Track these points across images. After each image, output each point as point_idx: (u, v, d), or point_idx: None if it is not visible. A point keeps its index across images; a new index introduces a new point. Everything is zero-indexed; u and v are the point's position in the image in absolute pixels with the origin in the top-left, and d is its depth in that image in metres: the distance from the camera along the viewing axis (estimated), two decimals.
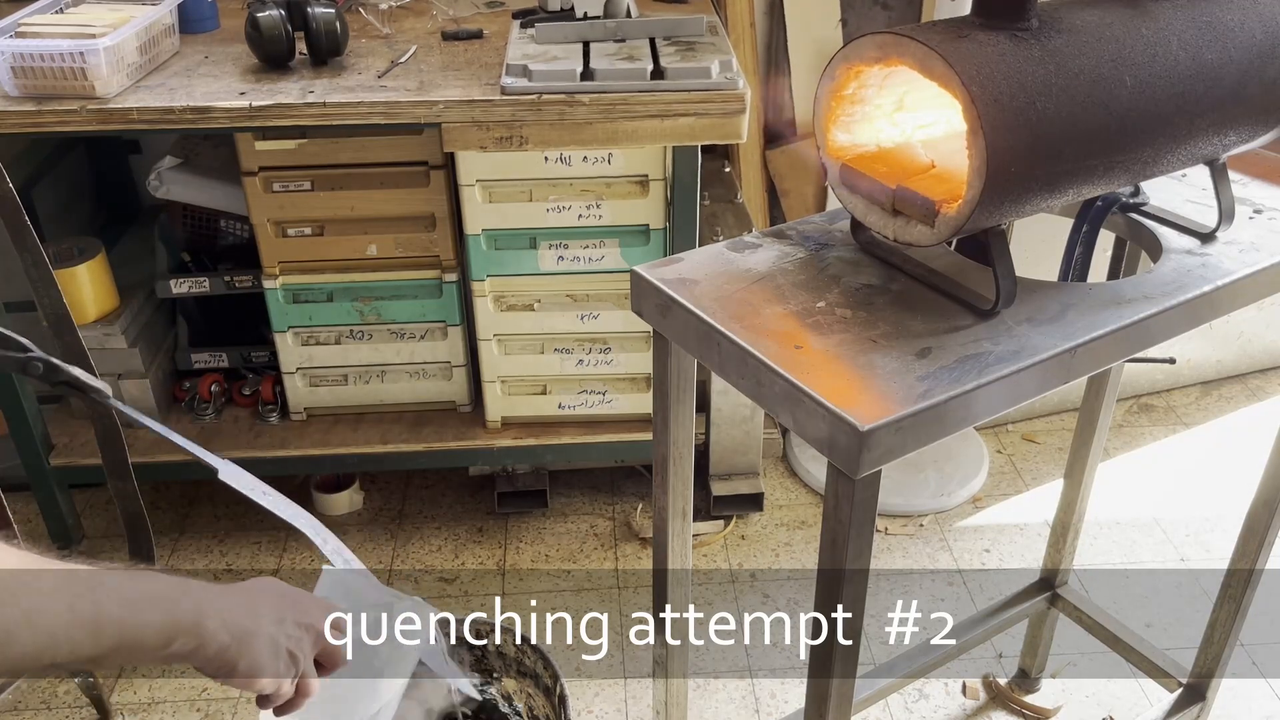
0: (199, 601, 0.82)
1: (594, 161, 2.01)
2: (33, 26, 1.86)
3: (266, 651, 0.87)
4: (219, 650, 0.83)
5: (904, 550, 2.36)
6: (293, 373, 2.25)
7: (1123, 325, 1.03)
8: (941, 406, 0.92)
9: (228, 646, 0.83)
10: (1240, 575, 1.53)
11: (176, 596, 0.81)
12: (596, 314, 2.16)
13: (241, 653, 0.84)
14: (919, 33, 0.97)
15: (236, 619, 0.84)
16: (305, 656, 0.92)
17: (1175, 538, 2.39)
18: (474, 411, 2.33)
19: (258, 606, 0.88)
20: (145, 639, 0.77)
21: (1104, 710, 2.00)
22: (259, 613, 0.87)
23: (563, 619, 2.18)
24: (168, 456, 2.23)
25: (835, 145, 1.10)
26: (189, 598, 0.82)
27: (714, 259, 1.14)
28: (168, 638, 0.79)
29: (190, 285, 2.23)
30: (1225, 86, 1.08)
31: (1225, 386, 2.92)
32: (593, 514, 2.46)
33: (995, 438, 2.72)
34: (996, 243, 1.03)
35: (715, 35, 2.04)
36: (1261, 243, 1.18)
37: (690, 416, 1.22)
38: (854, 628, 1.01)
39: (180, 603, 0.81)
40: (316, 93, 1.84)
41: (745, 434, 2.37)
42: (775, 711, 1.99)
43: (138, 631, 0.77)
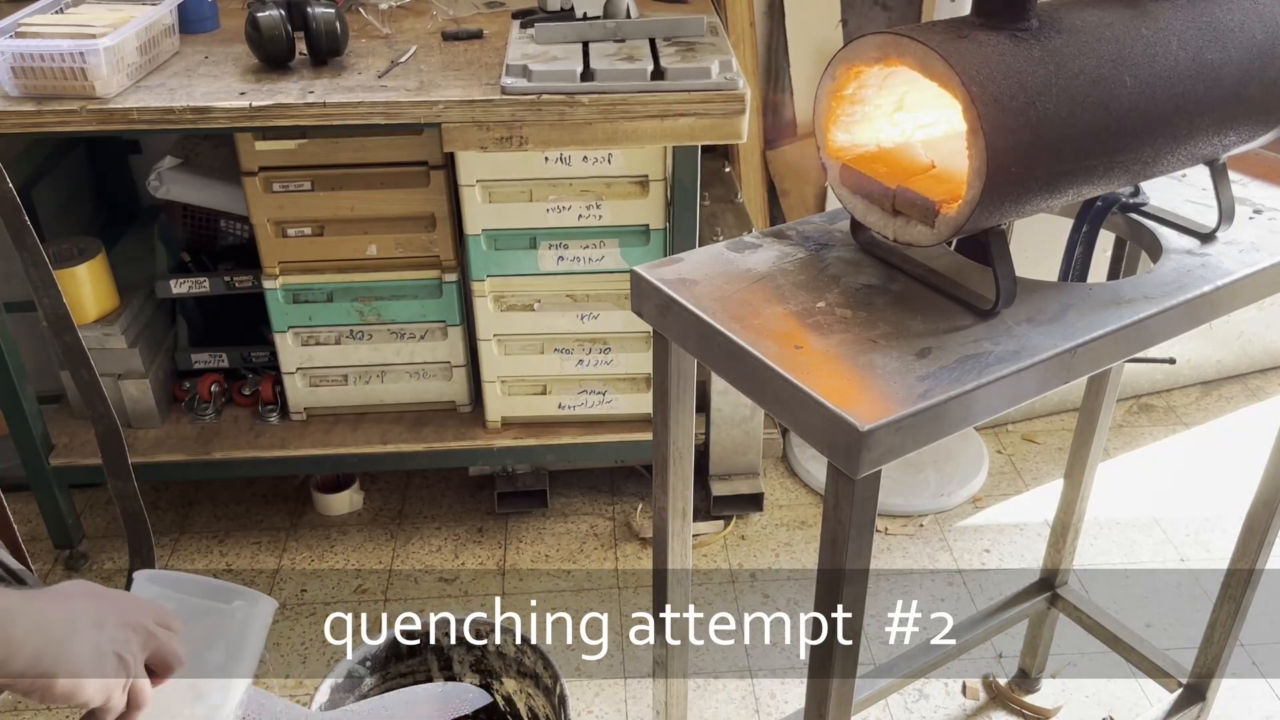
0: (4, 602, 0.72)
1: (594, 161, 2.01)
2: (33, 26, 1.86)
3: (88, 657, 0.76)
4: (31, 659, 0.72)
5: (904, 550, 2.36)
6: (293, 373, 2.25)
7: (1123, 325, 1.03)
8: (941, 406, 0.92)
9: (40, 655, 0.72)
10: (1240, 575, 1.53)
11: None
12: (596, 314, 2.16)
13: (59, 660, 0.73)
14: (919, 33, 0.97)
15: (49, 620, 0.74)
16: (135, 659, 0.80)
17: (1175, 538, 2.39)
18: (474, 411, 2.33)
19: (71, 609, 0.77)
20: None
21: (1104, 710, 2.00)
22: (73, 615, 0.77)
23: (563, 619, 2.18)
24: (168, 456, 2.23)
25: (835, 145, 1.10)
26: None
27: (714, 259, 1.14)
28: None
29: (190, 285, 2.23)
30: (1225, 86, 1.08)
31: (1225, 386, 2.92)
32: (593, 514, 2.46)
33: (995, 438, 2.72)
34: (996, 243, 1.03)
35: (715, 35, 2.04)
36: (1261, 243, 1.18)
37: (690, 416, 1.22)
38: (854, 628, 1.01)
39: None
40: (316, 93, 1.84)
41: (745, 434, 2.37)
42: (775, 711, 1.99)
43: None
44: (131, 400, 2.25)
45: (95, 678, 0.76)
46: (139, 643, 0.81)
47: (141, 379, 2.24)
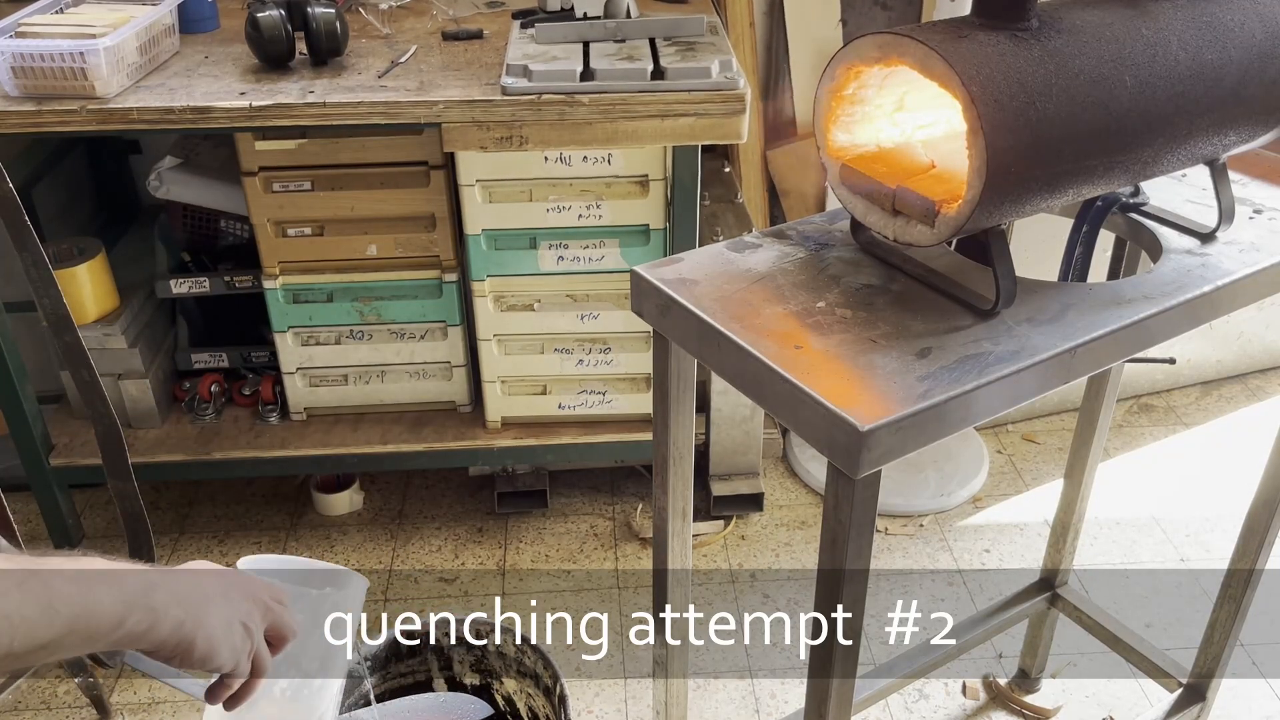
0: (145, 577, 0.79)
1: (594, 161, 2.01)
2: (33, 26, 1.86)
3: (220, 625, 0.83)
4: (174, 626, 0.79)
5: (904, 550, 2.36)
6: (293, 373, 2.25)
7: (1123, 325, 1.03)
8: (941, 406, 0.92)
9: (182, 622, 0.80)
10: (1240, 575, 1.53)
11: (122, 574, 0.78)
12: (596, 314, 2.16)
13: (197, 627, 0.81)
14: (919, 33, 0.97)
15: (185, 593, 0.81)
16: (256, 629, 0.88)
17: (1175, 538, 2.39)
18: (474, 411, 2.33)
19: (202, 581, 0.85)
20: (98, 617, 0.74)
21: (1104, 710, 2.00)
22: (205, 587, 0.84)
23: (563, 619, 2.18)
24: (168, 456, 2.23)
25: (835, 145, 1.10)
26: (132, 574, 0.78)
27: (714, 259, 1.14)
28: (120, 615, 0.75)
29: (190, 285, 2.23)
30: (1225, 86, 1.08)
31: (1225, 386, 2.92)
32: (593, 514, 2.46)
33: (995, 438, 2.72)
34: (996, 243, 1.03)
35: (715, 35, 2.04)
36: (1261, 243, 1.18)
37: (690, 416, 1.22)
38: (854, 628, 1.01)
39: (127, 579, 0.78)
40: (316, 93, 1.84)
41: (745, 434, 2.37)
42: (775, 711, 1.99)
43: (90, 609, 0.74)
44: (131, 400, 2.25)
45: (227, 643, 0.84)
46: (259, 614, 0.89)
47: (141, 379, 2.24)
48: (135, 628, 0.76)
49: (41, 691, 2.03)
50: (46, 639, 0.70)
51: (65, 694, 2.02)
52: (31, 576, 0.71)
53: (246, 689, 0.90)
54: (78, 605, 0.73)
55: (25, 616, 0.69)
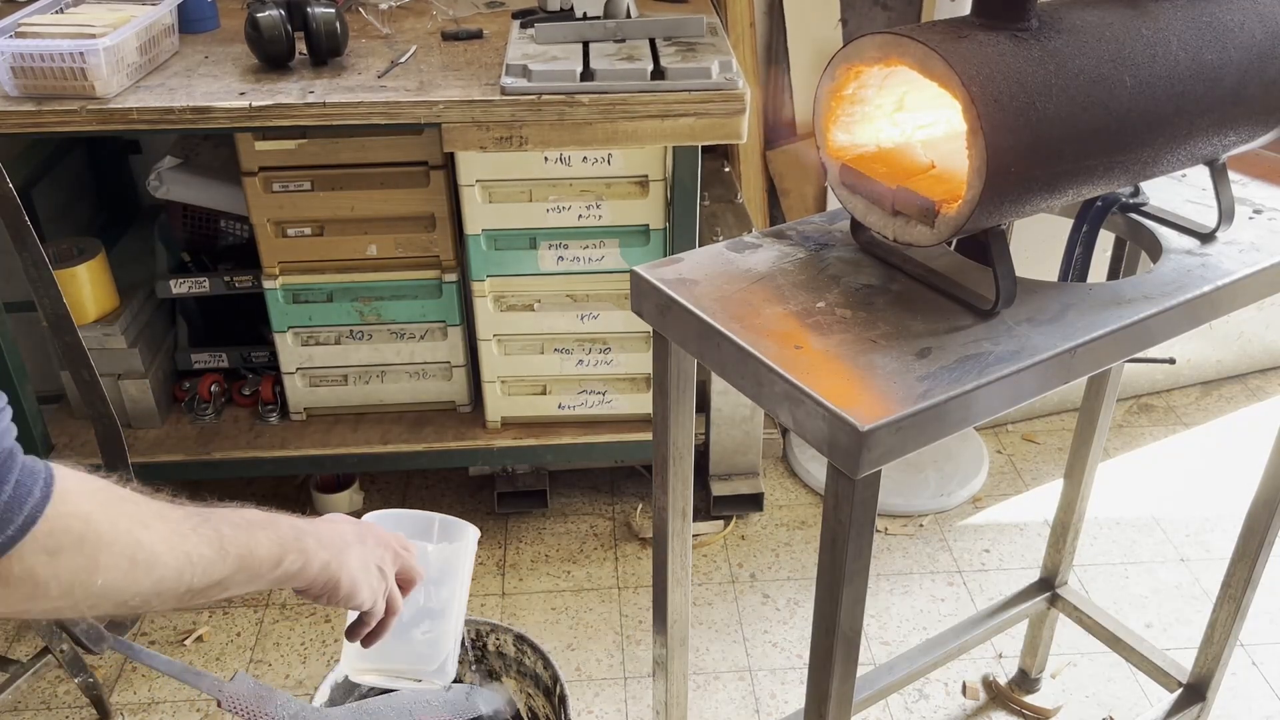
0: (294, 523, 0.87)
1: (594, 162, 2.01)
2: (33, 26, 1.86)
3: (360, 566, 0.91)
4: (322, 566, 0.87)
5: (904, 550, 2.36)
6: (293, 373, 2.25)
7: (1123, 325, 1.03)
8: (941, 406, 0.92)
9: (328, 562, 0.87)
10: (1240, 575, 1.53)
11: (271, 520, 0.85)
12: (596, 314, 2.16)
13: (341, 568, 0.88)
14: (919, 33, 0.97)
15: (329, 538, 0.89)
16: (389, 571, 0.96)
17: (1175, 538, 2.39)
18: (474, 411, 2.33)
19: (341, 529, 0.92)
20: (260, 556, 0.81)
21: (1104, 710, 2.00)
22: (344, 534, 0.92)
23: (563, 619, 2.18)
24: (168, 456, 2.23)
25: (835, 145, 1.10)
26: (286, 521, 0.86)
27: (714, 259, 1.14)
28: (278, 555, 0.83)
29: (190, 285, 2.23)
30: (1225, 86, 1.08)
31: (1225, 386, 2.92)
32: (593, 514, 2.46)
33: (995, 438, 2.72)
34: (996, 243, 1.03)
35: (715, 35, 2.04)
36: (1261, 243, 1.18)
37: (690, 416, 1.22)
38: (854, 628, 1.01)
39: (278, 523, 0.85)
40: (316, 93, 1.84)
41: (745, 434, 2.37)
42: (775, 711, 1.99)
43: (253, 549, 0.80)
44: (131, 400, 2.25)
45: (366, 584, 0.92)
46: (391, 559, 0.97)
47: (141, 379, 2.24)
48: (290, 567, 0.84)
49: (41, 691, 2.03)
50: (220, 576, 0.78)
51: (65, 694, 2.02)
52: (204, 523, 0.78)
53: (382, 626, 0.98)
54: (243, 547, 0.80)
55: (203, 555, 0.76)
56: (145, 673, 2.07)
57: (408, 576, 1.00)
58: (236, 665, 2.08)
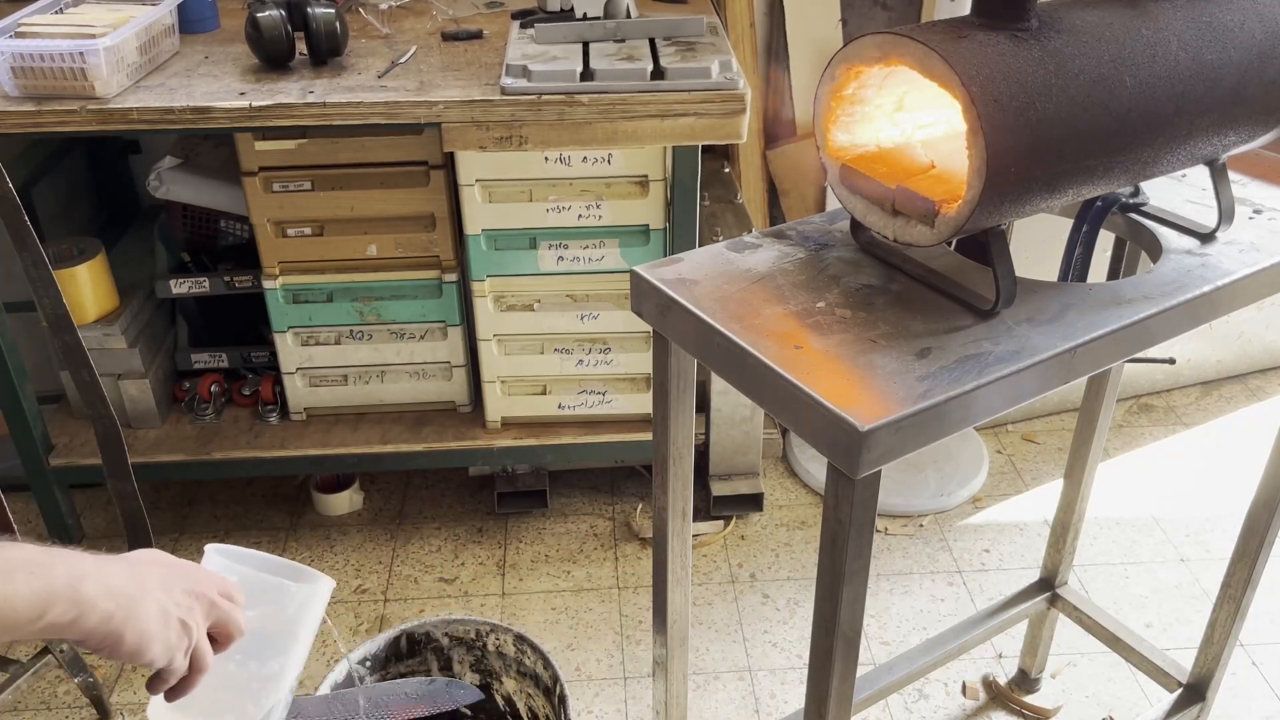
0: (74, 567, 0.77)
1: (594, 161, 2.01)
2: (33, 26, 1.86)
3: (155, 619, 0.81)
4: (102, 619, 0.77)
5: (904, 550, 2.36)
6: (293, 373, 2.25)
7: (1123, 325, 1.03)
8: (941, 406, 0.92)
9: (111, 615, 0.78)
10: (1240, 575, 1.53)
11: (47, 563, 0.75)
12: (596, 314, 2.16)
13: (128, 620, 0.79)
14: (919, 33, 0.97)
15: (118, 585, 0.79)
16: (198, 626, 0.86)
17: (1175, 538, 2.39)
18: (474, 412, 2.33)
19: (141, 574, 0.83)
20: (16, 608, 0.72)
21: (1104, 710, 2.00)
22: (143, 579, 0.82)
23: (563, 619, 2.18)
24: (168, 456, 2.23)
25: (835, 145, 1.10)
26: (62, 563, 0.76)
27: (714, 259, 1.14)
28: (41, 607, 0.73)
29: (190, 285, 2.23)
30: (1225, 86, 1.08)
31: (1225, 386, 2.92)
32: (593, 514, 2.46)
33: (995, 438, 2.72)
34: (996, 243, 1.03)
35: (715, 35, 2.04)
36: (1261, 243, 1.18)
37: (690, 416, 1.22)
38: (854, 628, 1.01)
39: (53, 568, 0.75)
40: (316, 93, 1.84)
41: (745, 434, 2.37)
42: (775, 711, 1.99)
43: (7, 601, 0.71)
44: (131, 400, 2.25)
45: (160, 639, 0.82)
46: (202, 610, 0.86)
47: (141, 379, 2.24)
48: (59, 619, 0.75)
49: (41, 691, 2.03)
50: None
51: (65, 694, 2.02)
52: None
53: (185, 683, 0.88)
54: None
55: None
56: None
57: (225, 630, 0.89)
58: None
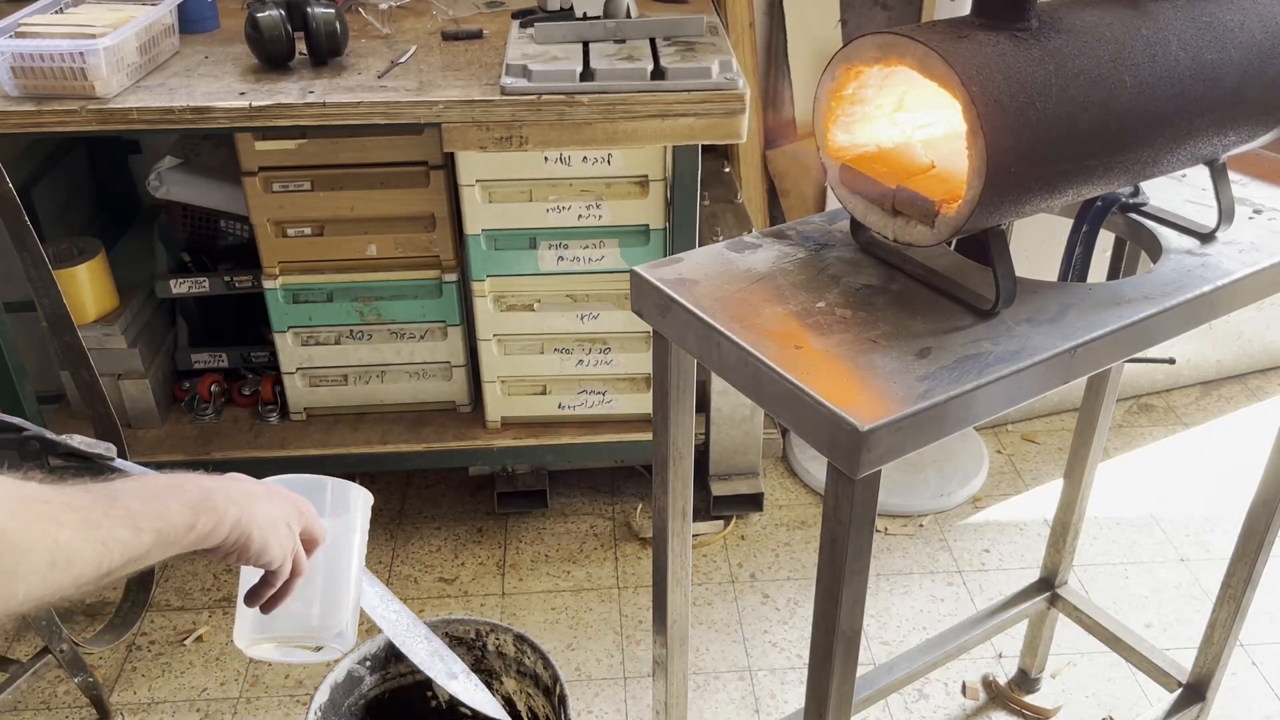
0: (200, 483, 0.85)
1: (594, 161, 2.01)
2: (33, 26, 1.86)
3: (269, 522, 0.89)
4: (234, 524, 0.85)
5: (904, 550, 2.36)
6: (293, 373, 2.25)
7: (1123, 325, 1.03)
8: (941, 406, 0.92)
9: (240, 518, 0.86)
10: (1240, 575, 1.53)
11: (177, 484, 0.83)
12: (596, 314, 2.16)
13: (252, 523, 0.87)
14: (919, 33, 0.97)
15: (237, 494, 0.87)
16: (295, 529, 0.94)
17: (1175, 538, 2.39)
18: (474, 411, 2.33)
19: (247, 487, 0.91)
20: (174, 524, 0.80)
21: (1104, 710, 2.00)
22: (248, 490, 0.90)
23: (563, 619, 2.18)
24: (168, 456, 2.23)
25: (835, 145, 1.10)
26: (191, 483, 0.85)
27: (714, 259, 1.14)
28: (191, 519, 0.81)
29: (190, 285, 2.23)
30: (1225, 86, 1.08)
31: (1225, 386, 2.92)
32: (593, 514, 2.46)
33: (995, 438, 2.72)
34: (996, 243, 1.03)
35: (715, 35, 2.04)
36: (1261, 243, 1.18)
37: (690, 416, 1.22)
38: (854, 628, 1.01)
39: (184, 486, 0.83)
40: (316, 93, 1.84)
41: (745, 434, 2.37)
42: (775, 711, 1.99)
43: (166, 518, 0.79)
44: (131, 400, 2.25)
45: (276, 540, 0.90)
46: (295, 517, 0.95)
47: (141, 379, 2.24)
48: (204, 528, 0.82)
49: (41, 691, 2.03)
50: (138, 553, 0.77)
51: (65, 694, 2.02)
52: (114, 503, 0.76)
53: (286, 588, 0.96)
54: (157, 519, 0.79)
55: (119, 538, 0.75)
56: (145, 672, 2.07)
57: (310, 537, 0.98)
58: (236, 665, 2.08)
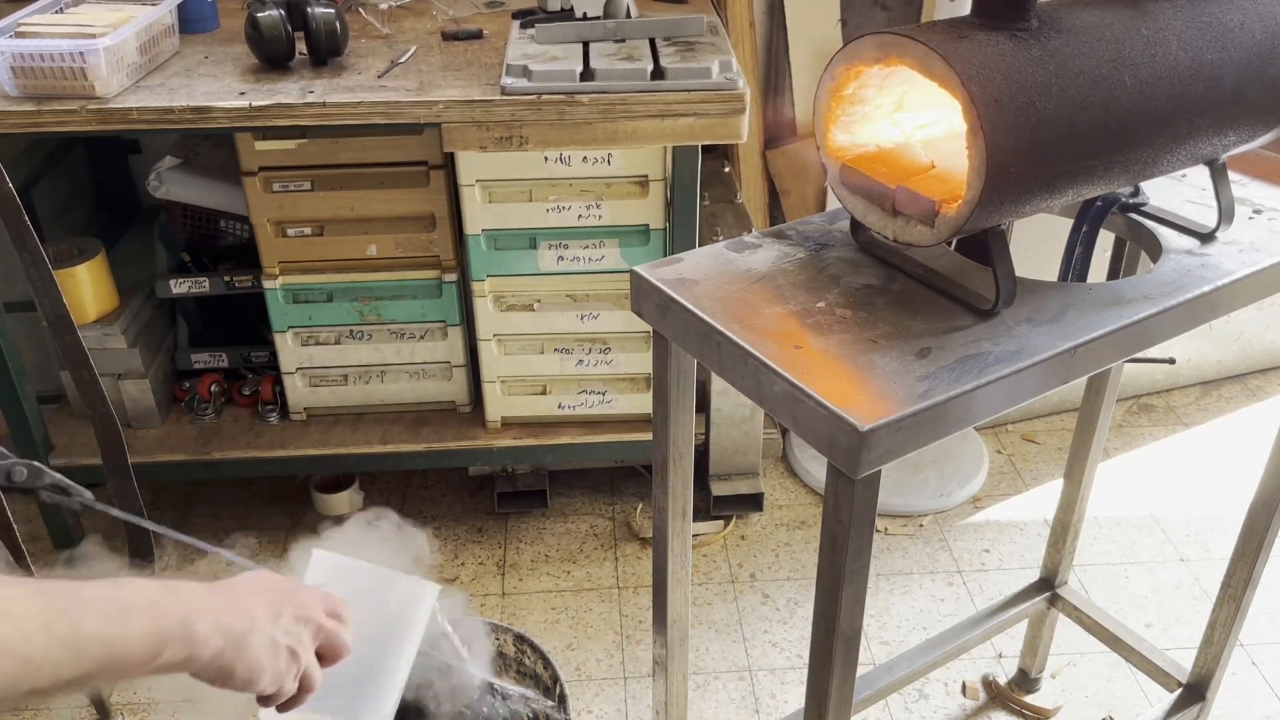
0: (186, 605, 0.77)
1: (594, 161, 2.01)
2: (33, 26, 1.86)
3: (265, 651, 0.82)
4: (213, 656, 0.78)
5: (904, 550, 2.36)
6: (293, 373, 2.25)
7: (1123, 325, 1.03)
8: (941, 406, 0.92)
9: (222, 651, 0.78)
10: (1240, 575, 1.53)
11: (161, 602, 0.75)
12: (596, 314, 2.16)
13: (239, 656, 0.80)
14: (919, 33, 0.97)
15: (228, 620, 0.80)
16: (306, 650, 0.87)
17: (1175, 538, 2.39)
18: (474, 411, 2.33)
19: (250, 604, 0.83)
20: (131, 652, 0.72)
21: (1104, 710, 2.00)
22: (252, 611, 0.83)
23: (563, 619, 2.18)
24: (168, 456, 2.23)
25: (835, 145, 1.10)
26: (175, 602, 0.76)
27: (714, 259, 1.14)
28: (156, 648, 0.74)
29: (190, 285, 2.23)
30: (1225, 86, 1.08)
31: (1225, 386, 2.92)
32: (593, 514, 2.46)
33: (995, 438, 2.72)
34: (996, 243, 1.03)
35: (715, 35, 2.04)
36: (1261, 243, 1.18)
37: (690, 416, 1.22)
38: (854, 628, 1.01)
39: (165, 608, 0.75)
40: (316, 93, 1.84)
41: (745, 434, 2.37)
42: (775, 711, 1.99)
43: (122, 645, 0.72)
44: (131, 400, 2.25)
45: (270, 669, 0.83)
46: (310, 634, 0.88)
47: (141, 379, 2.24)
48: (172, 658, 0.75)
49: None
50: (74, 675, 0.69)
51: None
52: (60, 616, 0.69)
53: (294, 701, 0.90)
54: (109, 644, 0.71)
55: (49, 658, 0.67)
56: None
57: (333, 651, 0.91)
58: None
